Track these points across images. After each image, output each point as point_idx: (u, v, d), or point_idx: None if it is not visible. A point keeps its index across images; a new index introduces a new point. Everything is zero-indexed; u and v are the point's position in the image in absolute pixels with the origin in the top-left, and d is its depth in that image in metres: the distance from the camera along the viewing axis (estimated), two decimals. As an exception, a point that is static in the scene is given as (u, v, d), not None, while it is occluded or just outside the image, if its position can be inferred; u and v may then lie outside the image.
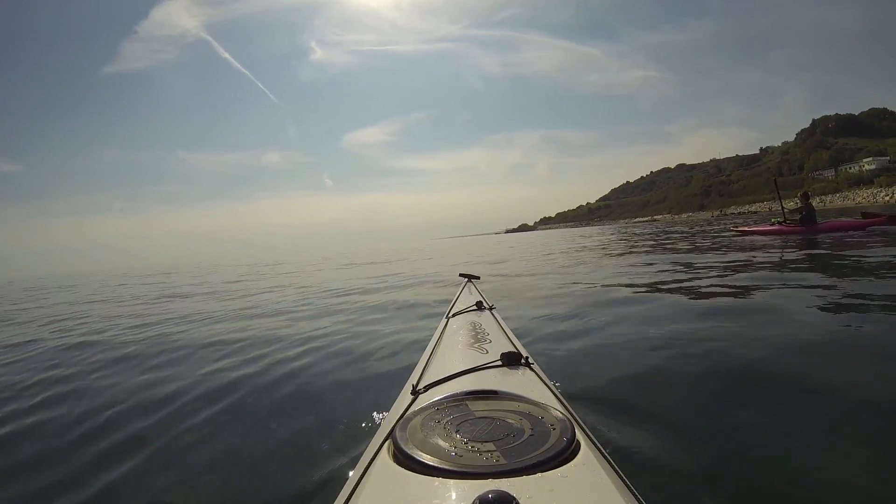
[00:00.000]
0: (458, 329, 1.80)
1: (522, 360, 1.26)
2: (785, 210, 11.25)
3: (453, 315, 2.08)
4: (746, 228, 12.93)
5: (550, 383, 1.14)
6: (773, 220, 11.72)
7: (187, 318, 5.80)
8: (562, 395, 1.09)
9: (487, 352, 1.40)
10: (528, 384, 1.12)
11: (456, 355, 1.43)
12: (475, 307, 2.16)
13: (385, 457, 0.82)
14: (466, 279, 3.15)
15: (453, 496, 0.68)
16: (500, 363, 1.23)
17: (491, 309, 2.16)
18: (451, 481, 0.71)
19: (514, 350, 1.29)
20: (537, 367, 1.26)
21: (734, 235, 13.03)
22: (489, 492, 0.63)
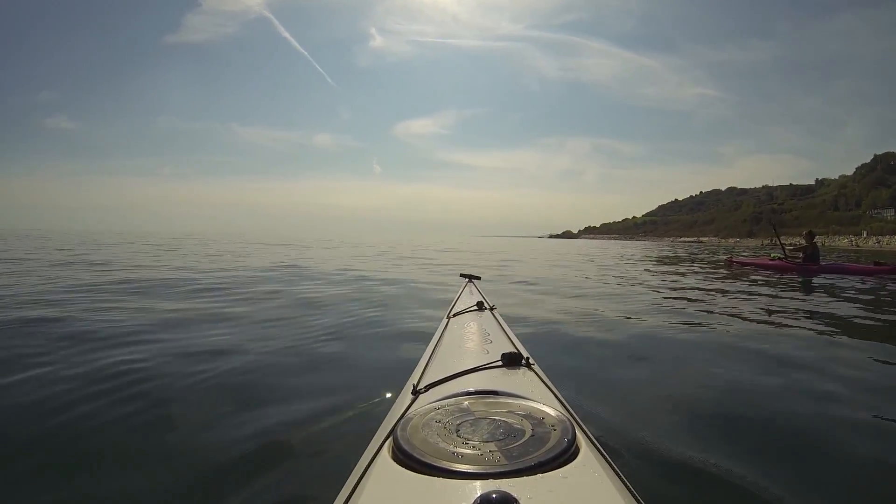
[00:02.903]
0: (458, 329, 1.77)
1: (523, 361, 1.22)
2: (786, 248, 10.55)
3: (454, 315, 2.04)
4: (742, 260, 12.22)
5: (551, 384, 1.11)
6: (773, 255, 11.03)
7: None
8: (562, 396, 1.06)
9: (488, 352, 1.36)
10: (528, 385, 1.10)
11: (456, 355, 1.40)
12: (476, 307, 2.12)
13: (385, 456, 0.79)
14: (467, 279, 3.08)
15: (454, 496, 0.66)
16: (500, 363, 1.20)
17: (492, 309, 2.12)
18: (452, 481, 0.69)
19: (514, 351, 1.25)
20: (538, 367, 1.22)
21: (727, 266, 12.25)
22: (491, 492, 0.62)
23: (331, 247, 19.56)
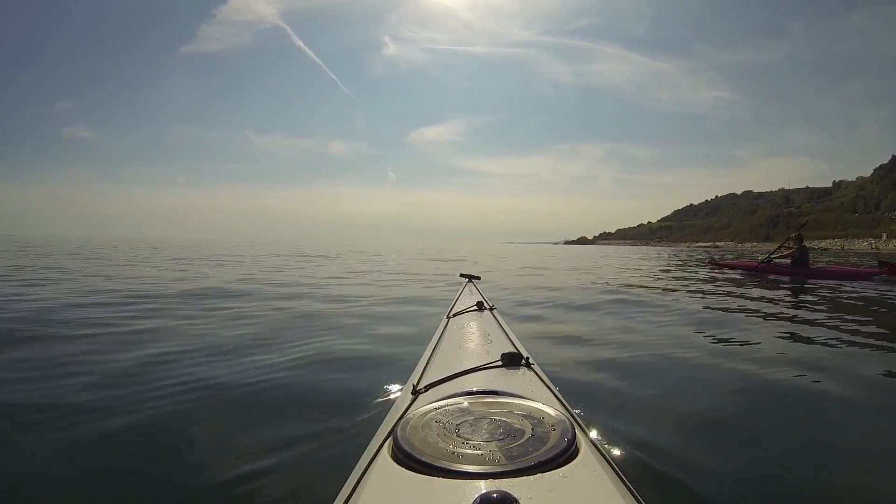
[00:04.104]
0: (458, 329, 1.76)
1: (523, 361, 1.21)
2: (773, 252, 10.34)
3: (454, 315, 2.02)
4: (724, 263, 12.04)
5: (550, 384, 1.09)
6: (760, 258, 10.83)
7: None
8: (562, 395, 1.04)
9: (488, 352, 1.35)
10: (528, 384, 1.08)
11: (456, 355, 1.39)
12: (476, 307, 2.11)
13: (385, 456, 0.78)
14: (467, 279, 3.04)
15: (454, 496, 0.65)
16: (500, 363, 1.19)
17: (491, 309, 2.10)
18: (452, 481, 0.68)
19: (514, 350, 1.24)
20: (538, 367, 1.21)
21: (709, 266, 12.30)
22: (491, 492, 0.61)
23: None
